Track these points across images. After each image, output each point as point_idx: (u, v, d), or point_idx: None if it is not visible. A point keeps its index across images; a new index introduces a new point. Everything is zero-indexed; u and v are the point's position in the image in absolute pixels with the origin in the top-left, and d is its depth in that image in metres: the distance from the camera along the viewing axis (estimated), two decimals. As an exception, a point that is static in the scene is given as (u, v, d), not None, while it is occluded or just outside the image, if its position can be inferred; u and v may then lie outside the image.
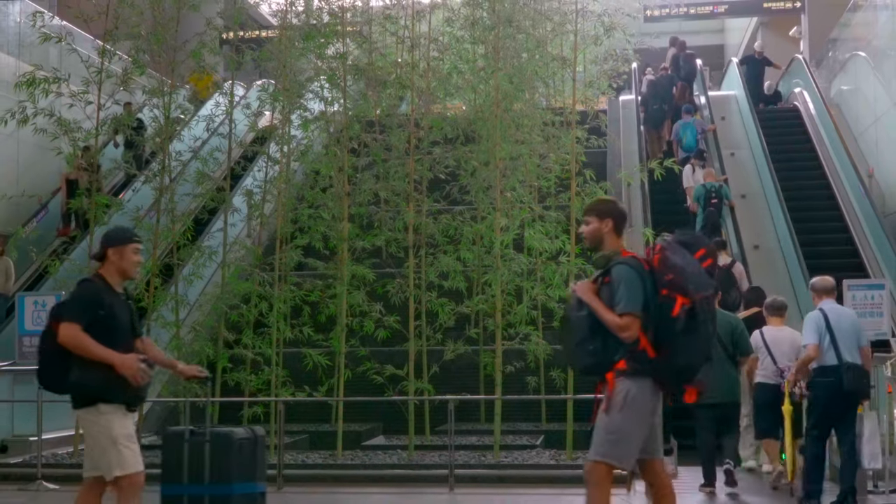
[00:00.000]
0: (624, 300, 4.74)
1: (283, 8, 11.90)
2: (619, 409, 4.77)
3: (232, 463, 5.48)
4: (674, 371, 4.82)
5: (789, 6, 25.61)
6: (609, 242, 5.03)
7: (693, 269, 4.84)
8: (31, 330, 9.46)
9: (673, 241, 4.99)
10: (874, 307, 8.58)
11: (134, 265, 5.27)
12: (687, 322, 4.73)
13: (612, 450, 4.82)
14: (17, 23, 15.81)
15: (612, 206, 5.16)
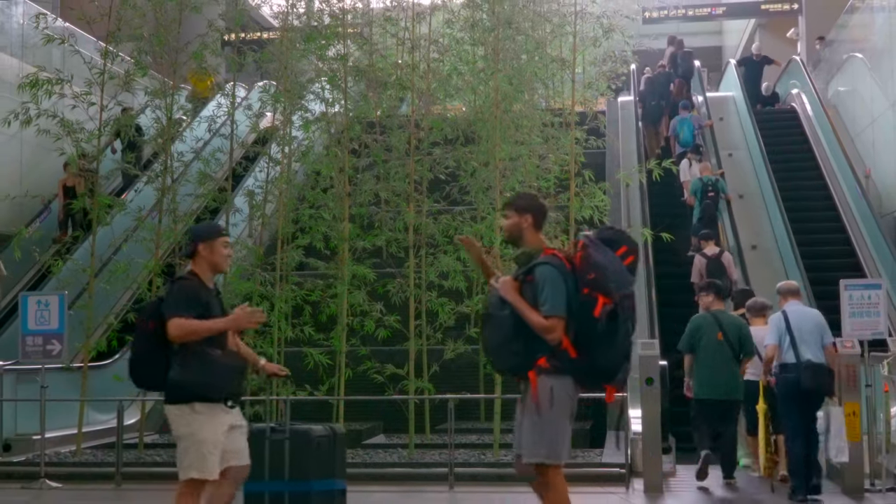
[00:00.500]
0: (549, 302, 4.64)
1: (285, 10, 11.90)
2: (549, 407, 4.71)
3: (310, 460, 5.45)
4: (595, 371, 4.75)
5: (786, 8, 25.60)
6: (529, 238, 4.92)
7: (615, 268, 4.74)
8: (35, 329, 9.43)
9: (595, 238, 4.87)
10: (871, 307, 8.56)
11: (224, 258, 5.18)
12: (608, 323, 4.65)
13: (551, 449, 4.75)
14: (20, 24, 15.81)
15: (532, 200, 5.05)
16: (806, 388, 7.60)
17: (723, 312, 8.79)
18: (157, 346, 5.00)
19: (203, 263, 5.14)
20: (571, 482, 8.48)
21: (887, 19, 15.89)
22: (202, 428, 4.94)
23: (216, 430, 4.97)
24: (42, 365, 9.45)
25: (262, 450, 5.26)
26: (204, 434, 4.94)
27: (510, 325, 4.70)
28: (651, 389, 8.22)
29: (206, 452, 4.94)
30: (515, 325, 4.69)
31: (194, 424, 4.94)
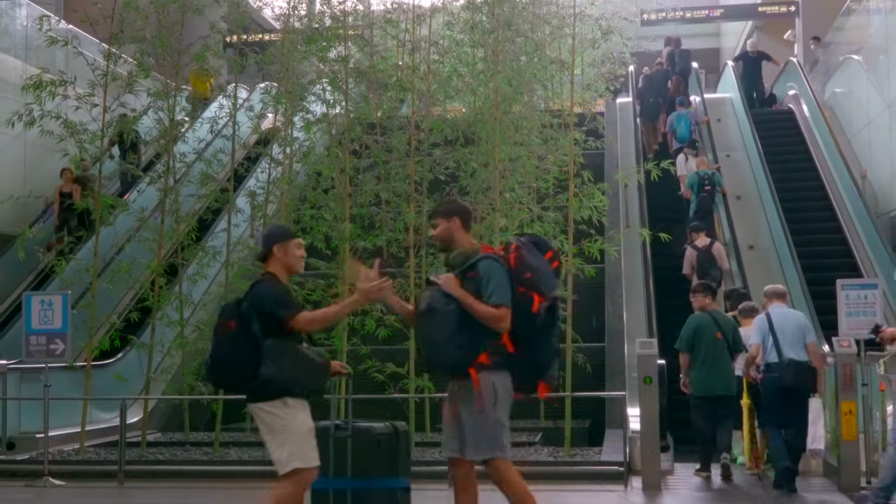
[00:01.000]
0: (496, 292, 4.74)
1: (286, 12, 11.93)
2: (493, 403, 4.77)
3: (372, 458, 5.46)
4: (530, 367, 4.84)
5: (783, 10, 25.62)
6: (460, 239, 5.01)
7: (545, 270, 4.90)
8: (38, 329, 9.43)
9: (527, 241, 5.00)
10: (867, 306, 8.58)
11: (298, 259, 5.17)
12: (546, 319, 4.79)
13: (498, 444, 4.84)
14: (23, 26, 15.81)
15: (455, 204, 5.20)
16: (788, 385, 7.93)
17: (718, 312, 9.04)
18: (240, 345, 4.97)
19: (278, 265, 5.12)
20: (571, 480, 8.58)
21: (883, 21, 15.89)
22: (296, 419, 4.96)
23: (308, 421, 5.01)
24: (45, 364, 9.45)
25: (327, 447, 5.28)
26: (299, 425, 4.97)
27: (455, 319, 4.75)
28: (649, 388, 8.22)
29: (304, 441, 4.96)
30: (460, 319, 4.75)
31: (288, 417, 4.94)
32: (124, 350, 11.46)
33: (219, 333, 5.14)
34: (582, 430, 10.45)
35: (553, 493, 8.31)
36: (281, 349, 4.91)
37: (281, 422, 4.95)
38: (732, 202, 14.50)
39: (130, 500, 8.52)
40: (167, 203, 11.02)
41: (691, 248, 12.37)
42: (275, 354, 4.90)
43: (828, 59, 19.82)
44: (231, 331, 5.02)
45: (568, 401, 9.68)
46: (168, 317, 10.84)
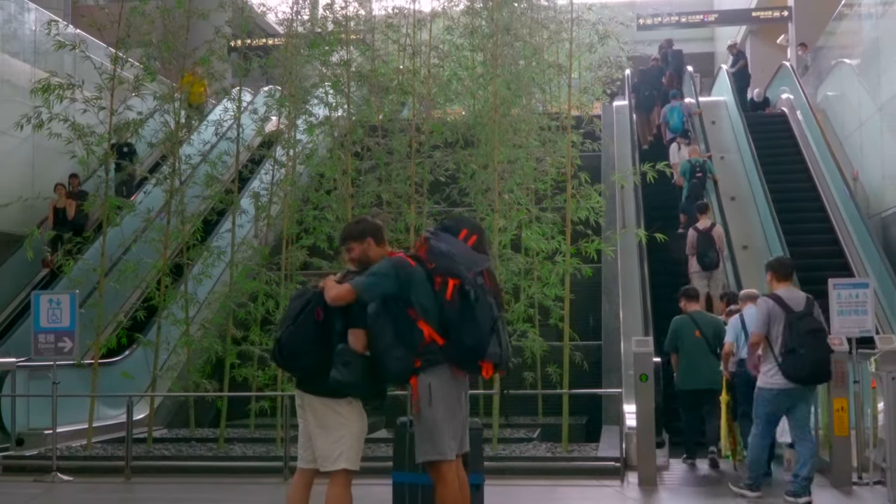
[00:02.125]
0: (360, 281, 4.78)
1: (290, 17, 11.91)
2: (428, 404, 4.74)
3: None
4: (463, 351, 4.77)
5: (777, 15, 25.66)
6: (375, 255, 5.00)
7: (460, 250, 4.84)
8: (47, 327, 9.43)
9: (435, 229, 4.97)
10: (859, 305, 8.58)
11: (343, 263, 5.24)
12: (462, 302, 4.72)
13: (432, 447, 4.77)
14: (32, 31, 15.82)
15: (365, 225, 5.09)
16: None
17: (699, 313, 9.46)
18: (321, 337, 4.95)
19: None
20: (568, 475, 8.58)
21: (874, 26, 15.90)
22: (356, 422, 5.01)
23: (365, 424, 5.07)
24: (54, 362, 9.46)
25: (404, 442, 5.30)
26: (358, 428, 5.02)
27: (391, 332, 4.75)
28: (645, 386, 8.24)
29: (357, 444, 5.01)
30: (395, 331, 4.75)
31: (349, 417, 4.98)
32: (131, 348, 11.46)
33: (302, 320, 5.01)
34: (579, 427, 10.46)
35: (551, 488, 8.34)
36: (353, 354, 4.89)
37: (341, 420, 4.97)
38: (726, 203, 14.51)
39: (137, 494, 8.52)
40: (173, 204, 11.03)
41: (693, 229, 12.65)
42: (346, 360, 4.87)
43: (820, 63, 19.83)
44: (316, 321, 4.97)
45: (565, 398, 9.69)
46: (174, 315, 10.84)
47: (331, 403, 4.97)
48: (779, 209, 13.63)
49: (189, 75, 12.67)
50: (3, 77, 14.97)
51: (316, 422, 5.04)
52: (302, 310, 5.02)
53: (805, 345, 7.19)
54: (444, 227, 4.99)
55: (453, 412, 4.83)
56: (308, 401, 5.06)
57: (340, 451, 4.96)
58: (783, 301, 7.39)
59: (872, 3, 15.98)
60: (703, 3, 32.10)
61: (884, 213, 14.58)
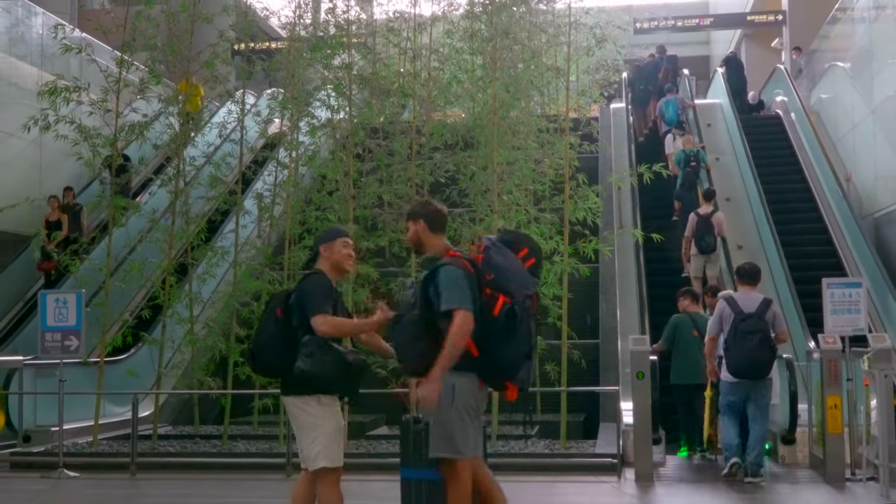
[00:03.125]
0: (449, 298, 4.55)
1: (292, 21, 11.91)
2: (450, 403, 4.63)
3: None
4: (495, 369, 4.68)
5: (771, 19, 25.65)
6: (428, 242, 4.89)
7: (515, 268, 4.69)
8: (53, 326, 9.43)
9: (496, 240, 4.82)
10: (852, 304, 8.57)
11: (345, 257, 5.18)
12: (507, 321, 4.58)
13: (448, 444, 4.67)
14: (39, 35, 15.82)
15: (422, 207, 5.01)
16: None
17: (696, 314, 9.57)
18: (281, 335, 4.97)
19: (326, 264, 5.14)
20: (566, 472, 8.58)
21: (867, 30, 15.90)
22: (329, 419, 4.95)
23: (339, 421, 5.01)
24: (60, 360, 9.46)
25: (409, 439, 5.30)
26: (331, 424, 4.95)
27: (419, 325, 4.64)
28: (642, 383, 8.23)
29: (333, 441, 4.95)
30: (424, 324, 4.63)
31: (320, 415, 4.92)
32: (136, 346, 11.46)
33: (265, 320, 5.11)
34: (577, 424, 10.45)
35: (549, 484, 8.33)
36: (317, 345, 4.85)
37: (311, 419, 4.92)
38: (722, 204, 14.50)
39: (142, 491, 8.52)
40: (177, 205, 11.03)
41: (694, 214, 12.79)
42: (311, 350, 4.83)
43: (814, 66, 19.83)
44: (277, 319, 5.00)
45: (563, 395, 9.68)
46: (178, 314, 10.84)
47: (300, 403, 4.95)
48: (773, 210, 13.63)
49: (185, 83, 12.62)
50: (11, 80, 14.97)
51: (293, 423, 5.04)
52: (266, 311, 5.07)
53: (737, 344, 7.91)
54: (505, 240, 4.85)
55: (472, 415, 4.75)
56: (284, 402, 5.07)
57: (318, 450, 4.93)
58: (735, 303, 8.10)
59: (865, 8, 15.98)
60: (699, 6, 32.15)
61: (876, 214, 14.58)
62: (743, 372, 7.96)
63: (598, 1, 15.25)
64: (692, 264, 12.58)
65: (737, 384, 8.04)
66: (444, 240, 4.93)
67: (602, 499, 7.84)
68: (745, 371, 7.95)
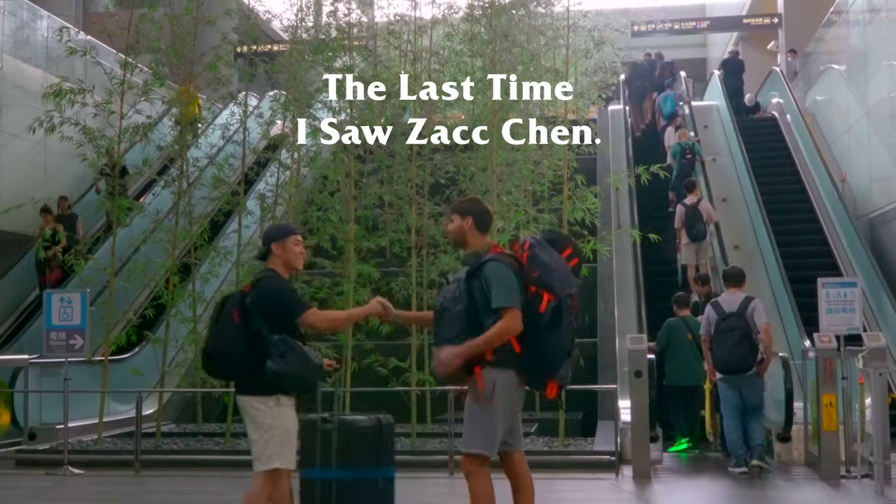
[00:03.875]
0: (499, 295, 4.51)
1: (294, 24, 11.91)
2: (489, 399, 4.58)
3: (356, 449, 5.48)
4: (538, 365, 4.66)
5: (767, 22, 25.66)
6: (472, 239, 4.79)
7: (559, 267, 4.68)
8: (58, 325, 9.44)
9: (541, 238, 4.80)
10: (847, 304, 8.58)
11: (297, 255, 5.04)
12: (552, 318, 4.58)
13: (483, 440, 4.61)
14: (44, 37, 15.82)
15: (472, 203, 4.90)
16: None
17: (690, 318, 9.91)
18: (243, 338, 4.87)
19: (278, 262, 5.00)
20: (565, 469, 8.58)
21: (862, 32, 15.90)
22: (288, 420, 4.91)
23: (296, 422, 4.96)
24: (65, 358, 9.46)
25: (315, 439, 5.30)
26: (290, 425, 4.91)
27: (464, 319, 4.58)
28: (640, 382, 8.24)
29: (290, 443, 4.90)
30: (469, 320, 4.57)
31: (280, 416, 4.87)
32: (140, 345, 11.46)
33: (221, 324, 4.96)
34: (575, 422, 10.45)
35: (548, 481, 8.32)
36: (288, 346, 4.79)
37: (272, 420, 4.86)
38: (719, 204, 14.51)
39: (146, 487, 8.52)
40: (181, 205, 11.02)
41: (681, 204, 13.13)
42: (282, 350, 4.77)
43: (809, 69, 19.83)
44: (235, 323, 4.88)
45: (562, 393, 9.66)
46: (181, 314, 10.84)
47: (259, 403, 4.89)
48: (769, 210, 13.63)
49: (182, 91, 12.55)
50: (17, 82, 14.97)
51: (249, 423, 4.97)
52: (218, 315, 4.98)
53: (719, 342, 8.41)
54: (550, 239, 4.82)
55: (507, 414, 4.70)
56: (240, 403, 4.99)
57: (273, 450, 4.87)
58: (719, 305, 8.58)
59: (860, 11, 15.98)
60: (696, 10, 32.14)
61: (871, 215, 14.58)
62: (724, 367, 8.39)
63: (597, 4, 15.25)
64: (684, 253, 13.00)
65: (728, 380, 8.44)
66: (487, 240, 4.87)
67: (600, 495, 7.84)
68: (726, 366, 8.37)
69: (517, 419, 4.85)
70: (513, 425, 4.78)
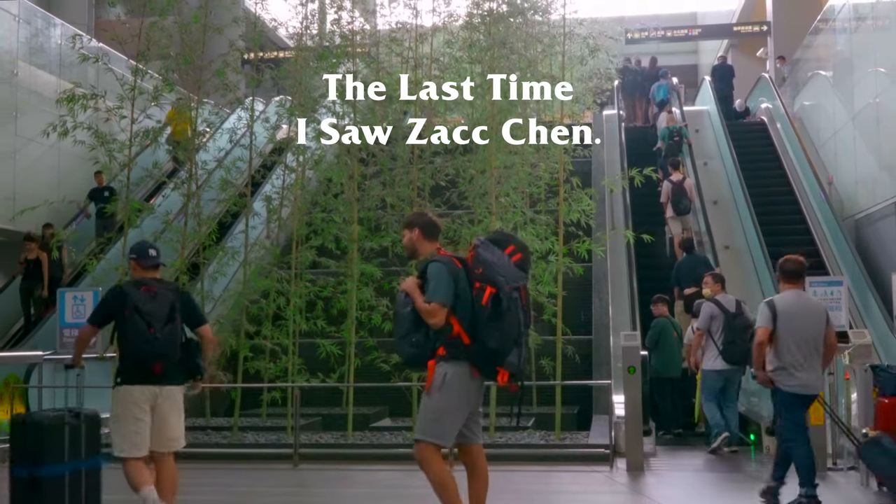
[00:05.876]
0: (434, 291, 4.79)
1: (299, 31, 11.90)
2: (438, 390, 4.78)
3: (42, 445, 5.67)
4: (485, 355, 4.81)
5: (756, 29, 25.68)
6: (421, 248, 5.12)
7: (502, 263, 4.89)
8: (71, 322, 9.49)
9: (485, 239, 5.02)
10: (833, 302, 8.60)
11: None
12: (493, 310, 4.77)
13: (432, 428, 4.81)
14: (58, 45, 15.82)
15: (418, 216, 5.22)
16: None
17: (673, 319, 10.75)
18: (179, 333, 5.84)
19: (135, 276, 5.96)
20: (561, 462, 8.58)
21: (848, 40, 15.90)
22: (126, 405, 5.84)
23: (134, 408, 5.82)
24: (78, 355, 9.44)
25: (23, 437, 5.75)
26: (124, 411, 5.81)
27: (411, 319, 4.84)
28: (633, 377, 8.24)
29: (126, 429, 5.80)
30: (416, 320, 4.84)
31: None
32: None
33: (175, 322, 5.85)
34: (571, 416, 10.45)
35: (544, 473, 8.33)
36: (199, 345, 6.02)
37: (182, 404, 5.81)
38: (710, 207, 14.51)
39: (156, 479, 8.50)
40: (190, 207, 11.02)
41: (668, 181, 13.80)
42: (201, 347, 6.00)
43: (797, 75, 19.83)
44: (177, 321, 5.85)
45: (558, 389, 9.69)
46: (191, 311, 10.82)
47: (183, 391, 5.80)
48: (759, 212, 13.64)
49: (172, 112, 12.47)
50: (31, 88, 14.97)
51: (174, 408, 5.72)
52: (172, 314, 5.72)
53: (736, 337, 8.89)
54: (494, 239, 5.05)
55: (460, 405, 4.86)
56: (168, 392, 5.70)
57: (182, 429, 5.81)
58: (721, 304, 9.13)
59: (846, 19, 15.98)
60: (688, 18, 32.16)
61: (857, 216, 14.59)
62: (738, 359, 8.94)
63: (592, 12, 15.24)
64: (671, 226, 13.76)
65: (726, 371, 9.09)
66: (437, 245, 5.16)
67: (595, 487, 7.84)
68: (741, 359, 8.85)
69: (476, 412, 5.02)
70: (471, 417, 4.96)
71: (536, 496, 7.42)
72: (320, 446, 9.40)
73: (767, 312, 6.47)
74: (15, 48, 14.74)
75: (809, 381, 6.44)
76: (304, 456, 8.90)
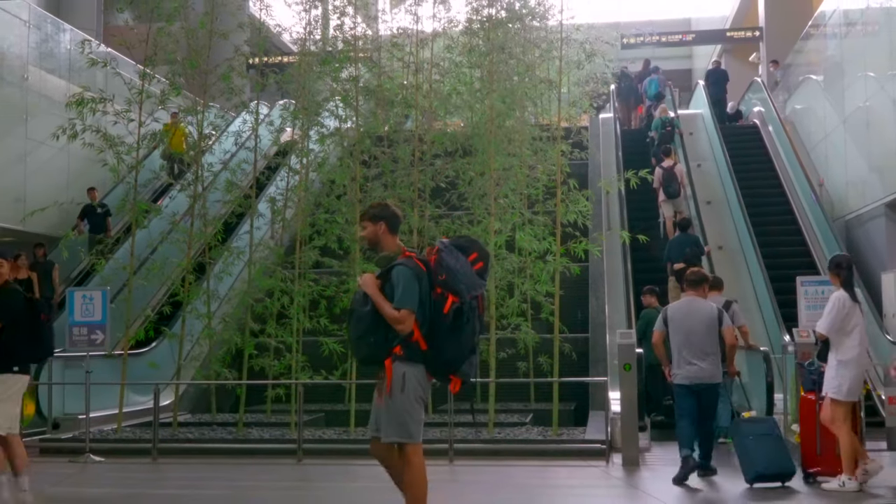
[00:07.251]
0: (400, 297, 4.61)
1: (303, 37, 11.91)
2: (401, 390, 4.67)
3: None
4: (441, 362, 4.71)
5: (749, 35, 25.67)
6: (386, 243, 4.90)
7: (465, 270, 4.71)
8: (80, 321, 9.49)
9: (449, 244, 4.83)
10: (824, 301, 8.55)
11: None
12: (454, 321, 4.63)
13: (402, 429, 4.70)
14: (67, 49, 15.82)
15: (383, 209, 4.94)
16: None
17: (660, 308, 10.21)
18: None
19: None
20: (558, 457, 8.58)
21: (839, 45, 15.90)
22: None
23: None
24: (87, 352, 9.48)
25: None
26: None
27: (370, 319, 4.67)
28: (629, 374, 8.23)
29: None
30: (374, 319, 4.66)
31: None
32: (157, 340, 11.46)
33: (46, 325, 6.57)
34: (568, 412, 10.45)
35: (542, 468, 8.34)
36: None
37: None
38: (703, 207, 14.51)
39: (163, 474, 8.52)
40: (196, 208, 11.02)
41: (659, 167, 14.17)
42: None
43: (789, 79, 19.82)
44: None
45: (555, 385, 9.69)
46: (197, 310, 10.84)
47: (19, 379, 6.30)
48: (751, 213, 13.62)
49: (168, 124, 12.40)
50: (41, 92, 14.98)
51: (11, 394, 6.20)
52: None
53: None
54: (458, 245, 4.85)
55: (420, 404, 4.77)
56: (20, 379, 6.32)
57: (16, 413, 6.26)
58: None
59: (837, 24, 15.98)
60: (682, 23, 32.12)
61: (847, 217, 14.58)
62: None
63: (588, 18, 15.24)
64: (663, 210, 14.21)
65: None
66: (398, 240, 4.98)
67: (591, 482, 7.84)
68: None
69: None
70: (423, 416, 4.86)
71: (534, 490, 7.41)
72: (323, 442, 9.40)
73: (660, 318, 7.62)
74: (25, 53, 14.74)
75: (692, 373, 7.34)
76: (308, 451, 8.90)
